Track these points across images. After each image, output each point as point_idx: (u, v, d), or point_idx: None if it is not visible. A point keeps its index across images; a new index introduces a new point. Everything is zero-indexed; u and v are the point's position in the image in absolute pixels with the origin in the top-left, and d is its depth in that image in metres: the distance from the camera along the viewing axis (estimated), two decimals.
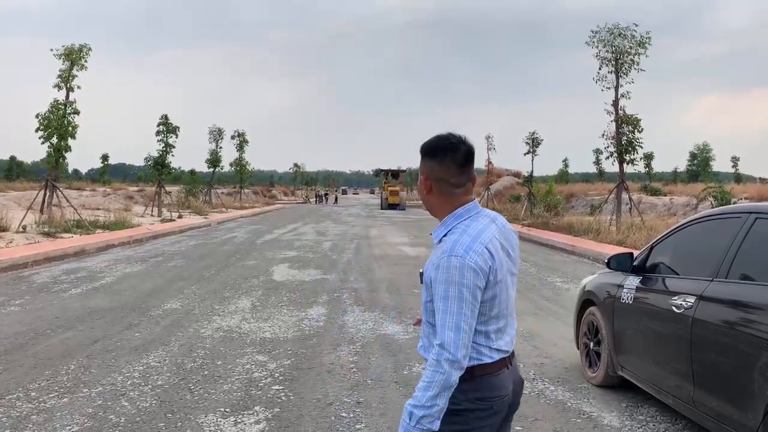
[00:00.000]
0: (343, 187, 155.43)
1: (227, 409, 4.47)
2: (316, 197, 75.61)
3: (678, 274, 4.33)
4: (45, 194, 19.28)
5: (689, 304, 3.77)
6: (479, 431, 2.02)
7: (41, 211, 18.99)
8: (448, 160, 2.07)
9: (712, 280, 3.70)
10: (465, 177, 2.09)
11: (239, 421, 4.26)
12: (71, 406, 4.48)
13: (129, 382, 5.03)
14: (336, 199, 76.53)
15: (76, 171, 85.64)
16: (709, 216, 4.29)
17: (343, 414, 4.42)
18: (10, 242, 14.33)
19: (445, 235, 2.05)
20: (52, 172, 19.61)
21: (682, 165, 72.82)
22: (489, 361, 2.03)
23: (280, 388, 4.96)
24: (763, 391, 3.08)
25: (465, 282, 1.91)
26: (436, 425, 1.90)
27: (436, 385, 1.87)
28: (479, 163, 41.33)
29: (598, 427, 4.30)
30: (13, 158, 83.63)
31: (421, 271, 2.11)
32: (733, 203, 17.64)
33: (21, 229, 16.63)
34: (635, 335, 4.60)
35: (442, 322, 1.91)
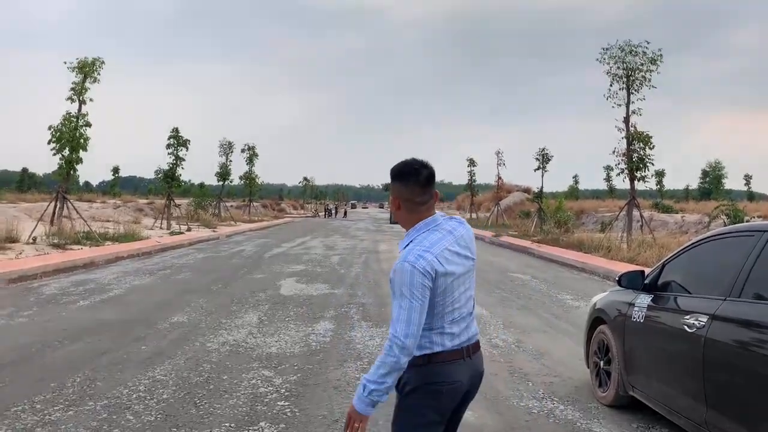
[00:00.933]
0: (353, 201, 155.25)
1: (232, 425, 4.43)
2: (325, 211, 75.65)
3: (690, 293, 4.26)
4: (55, 206, 19.40)
5: (701, 323, 3.70)
6: (429, 408, 2.36)
7: (51, 222, 19.09)
8: (412, 182, 2.44)
9: (725, 300, 3.64)
10: (427, 195, 2.46)
11: None
12: (76, 419, 4.45)
13: (134, 396, 5.00)
14: (345, 213, 76.41)
15: (87, 183, 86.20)
16: (722, 234, 4.24)
17: None
18: (20, 253, 14.41)
19: (407, 245, 2.41)
20: (63, 184, 19.75)
21: (694, 183, 72.54)
22: (440, 350, 2.37)
23: (286, 403, 4.92)
24: None
25: (414, 283, 2.26)
26: (385, 398, 2.29)
27: (386, 366, 2.24)
28: (490, 178, 41.34)
29: None
30: (25, 170, 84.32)
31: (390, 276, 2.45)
32: (746, 221, 17.50)
33: (31, 241, 16.72)
34: (646, 354, 4.53)
35: (396, 315, 2.26)
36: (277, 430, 4.36)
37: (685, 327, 3.84)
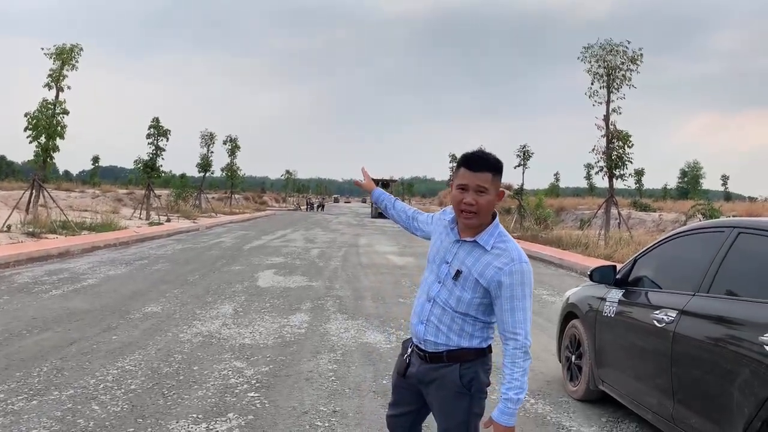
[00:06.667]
0: (336, 195, 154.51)
1: (200, 416, 4.37)
2: (306, 204, 75.14)
3: (660, 288, 4.28)
4: (31, 194, 19.09)
5: (670, 318, 3.72)
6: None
7: (27, 210, 18.79)
8: None
9: (694, 295, 3.65)
10: None
11: (211, 427, 4.16)
12: (40, 408, 4.37)
13: (101, 386, 4.92)
14: (322, 206, 73.97)
15: (67, 172, 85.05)
16: (693, 230, 4.25)
17: (318, 423, 4.33)
18: None
19: (494, 241, 2.40)
20: (39, 172, 19.43)
21: (672, 182, 73.27)
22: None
23: (256, 395, 4.87)
24: (742, 409, 3.02)
25: (532, 284, 2.38)
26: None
27: (527, 371, 2.34)
28: None
29: None
30: (2, 157, 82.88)
31: (459, 269, 2.41)
32: None
33: (5, 229, 16.45)
34: (616, 349, 4.55)
35: (523, 317, 2.33)
36: (245, 421, 4.31)
37: (655, 322, 3.85)
